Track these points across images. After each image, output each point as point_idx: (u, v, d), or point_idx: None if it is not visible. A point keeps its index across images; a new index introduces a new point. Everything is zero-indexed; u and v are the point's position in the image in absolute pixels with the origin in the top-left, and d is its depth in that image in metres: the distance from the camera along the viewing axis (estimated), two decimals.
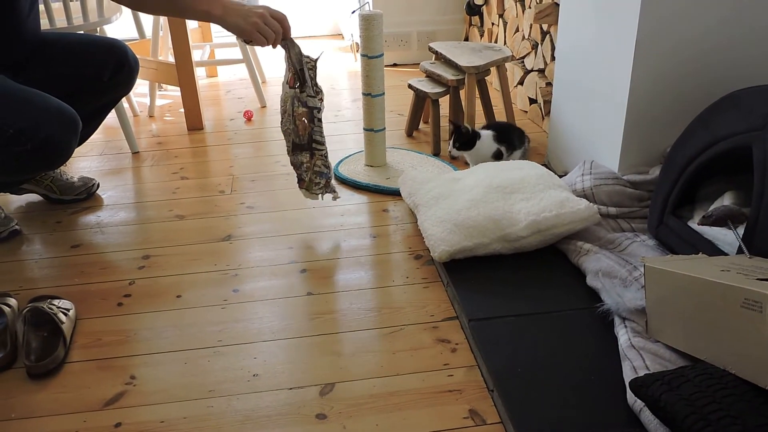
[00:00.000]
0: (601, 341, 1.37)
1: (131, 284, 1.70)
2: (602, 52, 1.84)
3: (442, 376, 1.35)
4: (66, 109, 1.71)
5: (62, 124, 1.69)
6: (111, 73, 2.00)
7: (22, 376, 1.39)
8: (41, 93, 1.70)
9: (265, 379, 1.36)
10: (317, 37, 4.36)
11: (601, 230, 1.70)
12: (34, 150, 1.66)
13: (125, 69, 2.03)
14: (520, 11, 2.77)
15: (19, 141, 1.63)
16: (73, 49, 1.98)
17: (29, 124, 1.63)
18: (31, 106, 1.66)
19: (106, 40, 2.06)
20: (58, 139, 1.69)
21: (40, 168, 1.86)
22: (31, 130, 1.64)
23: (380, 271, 1.73)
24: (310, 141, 1.81)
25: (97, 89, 2.00)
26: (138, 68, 2.10)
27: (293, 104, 1.78)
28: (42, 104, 1.68)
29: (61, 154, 1.72)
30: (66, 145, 1.72)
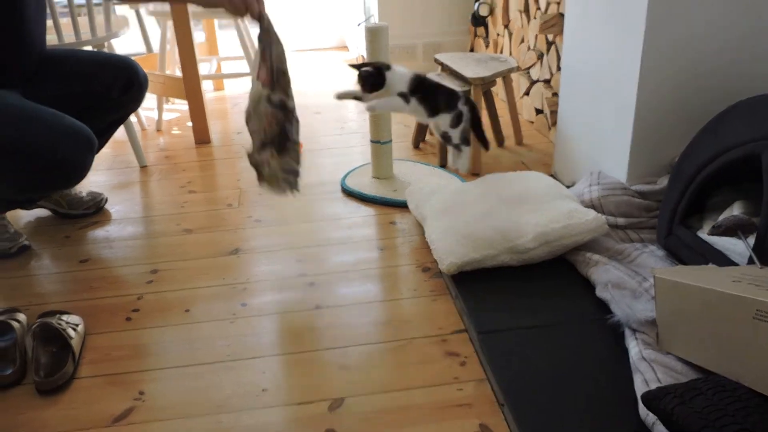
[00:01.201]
0: (611, 353, 1.36)
1: (139, 299, 1.70)
2: (608, 62, 1.84)
3: (452, 390, 1.34)
4: (82, 128, 1.72)
5: (78, 143, 1.71)
6: (121, 91, 2.01)
7: (31, 392, 1.39)
8: (56, 112, 1.71)
9: (273, 394, 1.36)
10: (323, 49, 4.37)
11: (609, 241, 1.69)
12: (51, 169, 1.67)
13: (135, 86, 2.04)
14: (525, 22, 2.78)
15: (36, 160, 1.65)
16: (84, 67, 1.99)
17: (46, 145, 1.65)
18: (47, 126, 1.67)
19: (115, 57, 2.08)
20: (74, 158, 1.70)
21: (57, 187, 1.87)
22: (48, 150, 1.65)
23: (388, 283, 1.73)
24: (283, 139, 1.75)
25: (107, 106, 2.01)
26: (147, 85, 2.11)
27: (263, 104, 1.71)
28: (58, 124, 1.69)
29: (77, 173, 1.74)
30: (82, 164, 1.73)
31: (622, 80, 1.77)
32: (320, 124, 2.94)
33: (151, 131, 2.96)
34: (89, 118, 1.82)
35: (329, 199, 2.20)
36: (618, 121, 1.82)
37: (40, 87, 1.88)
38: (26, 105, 1.71)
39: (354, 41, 3.92)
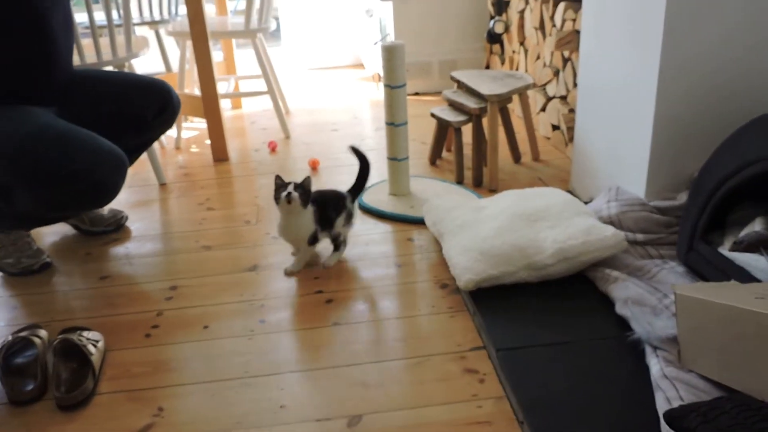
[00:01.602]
0: (632, 371, 1.35)
1: (159, 315, 1.71)
2: (625, 78, 1.84)
3: (471, 407, 1.34)
4: (116, 151, 1.75)
5: (113, 166, 1.73)
6: (155, 114, 2.04)
7: (52, 408, 1.40)
8: (92, 134, 1.74)
9: (292, 410, 1.36)
10: (339, 67, 4.41)
11: (628, 257, 1.68)
12: (85, 191, 1.69)
13: (169, 110, 2.07)
14: (541, 39, 2.78)
15: (71, 181, 1.67)
16: (119, 89, 2.01)
17: (83, 166, 1.67)
18: (84, 147, 1.70)
19: (150, 80, 2.09)
20: (109, 180, 1.72)
21: (88, 207, 1.89)
22: (85, 171, 1.67)
23: (406, 300, 1.73)
24: None
25: (140, 128, 2.03)
26: (180, 108, 2.14)
27: None
28: (95, 146, 1.71)
29: (109, 194, 1.76)
30: (115, 186, 1.76)
31: (639, 95, 1.77)
32: (337, 140, 2.95)
33: (170, 149, 2.99)
34: (120, 138, 1.85)
35: None
36: (636, 136, 1.81)
37: (73, 107, 1.91)
38: (63, 125, 1.74)
39: (370, 59, 3.95)
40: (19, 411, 1.40)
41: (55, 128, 1.73)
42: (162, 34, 3.30)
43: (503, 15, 3.24)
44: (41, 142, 1.68)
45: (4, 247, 1.93)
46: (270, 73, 3.09)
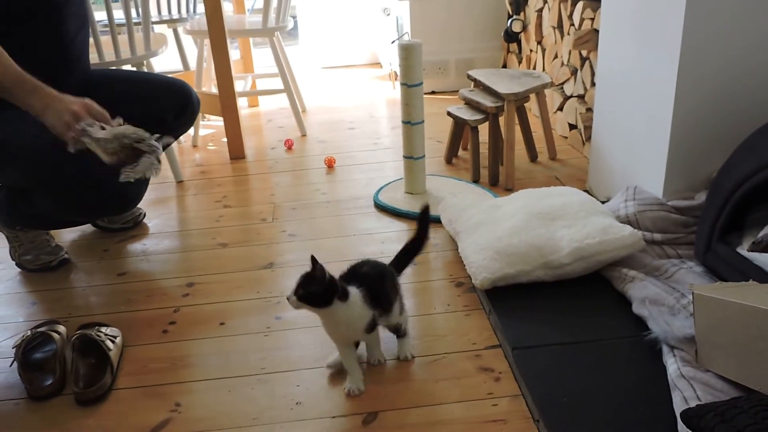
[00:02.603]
0: (648, 370, 1.34)
1: (176, 311, 1.72)
2: (644, 77, 1.83)
3: (487, 406, 1.33)
4: None
5: None
6: (175, 115, 2.03)
7: (71, 403, 1.42)
8: None
9: (308, 407, 1.36)
10: (356, 66, 4.41)
11: (646, 257, 1.67)
12: (112, 197, 1.70)
13: (188, 111, 2.07)
14: (558, 38, 2.77)
15: (97, 189, 1.68)
16: (139, 90, 2.01)
17: (108, 174, 1.67)
18: None
19: (170, 80, 2.09)
20: (134, 187, 1.72)
21: (112, 213, 1.91)
22: (110, 179, 1.67)
23: (421, 298, 1.73)
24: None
25: (160, 129, 2.03)
26: (199, 108, 2.14)
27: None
28: None
29: (133, 201, 1.79)
30: (138, 192, 1.78)
31: (658, 94, 1.76)
32: (353, 139, 2.96)
33: (187, 147, 3.01)
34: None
35: (362, 214, 2.21)
36: (654, 135, 1.80)
37: None
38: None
39: (386, 58, 3.95)
40: (38, 406, 1.42)
41: None
42: (180, 32, 3.32)
43: (521, 14, 3.23)
44: (61, 148, 1.68)
45: (23, 244, 1.95)
46: (287, 72, 3.10)
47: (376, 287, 1.40)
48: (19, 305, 1.80)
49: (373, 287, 1.39)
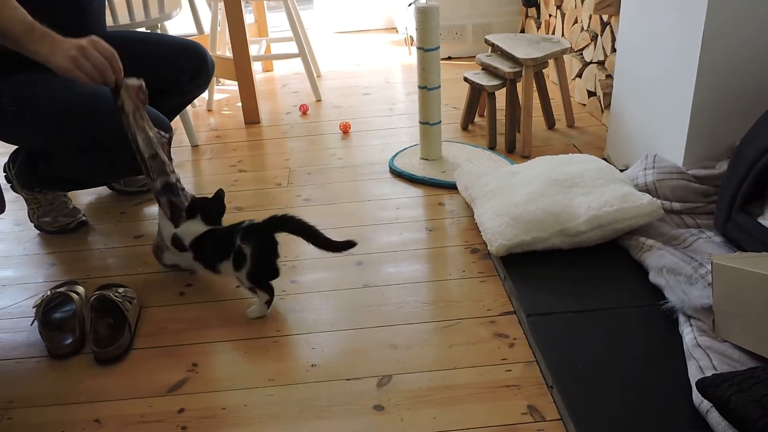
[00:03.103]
0: (664, 339, 1.34)
1: (192, 274, 1.73)
2: (667, 42, 1.79)
3: (500, 371, 1.34)
4: (161, 117, 1.75)
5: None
6: (190, 77, 2.03)
7: (90, 362, 1.44)
8: None
9: (323, 369, 1.37)
10: (371, 31, 4.36)
11: (664, 226, 1.65)
12: (133, 158, 1.70)
13: (203, 73, 2.06)
14: (578, 2, 2.72)
15: (119, 149, 1.68)
16: (156, 52, 2.00)
17: (125, 136, 1.67)
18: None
19: (186, 43, 2.07)
20: None
21: (135, 174, 1.92)
22: (127, 141, 1.68)
23: (436, 264, 1.73)
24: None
25: (175, 91, 2.03)
26: (214, 71, 2.13)
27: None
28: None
29: None
30: None
31: (681, 61, 1.73)
32: (369, 105, 2.94)
33: (202, 111, 3.00)
34: (156, 101, 1.85)
35: (378, 180, 2.21)
36: (676, 103, 1.77)
37: None
38: (106, 92, 1.74)
39: (402, 22, 3.90)
40: (58, 364, 1.45)
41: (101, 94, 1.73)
42: None
43: None
44: (87, 109, 1.67)
45: (42, 206, 1.97)
46: (302, 36, 3.07)
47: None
48: (38, 266, 1.82)
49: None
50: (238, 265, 1.51)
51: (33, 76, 1.71)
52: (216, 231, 1.59)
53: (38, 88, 1.69)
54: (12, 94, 1.69)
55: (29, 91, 1.69)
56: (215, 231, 1.59)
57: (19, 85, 1.69)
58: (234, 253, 1.51)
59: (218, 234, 1.58)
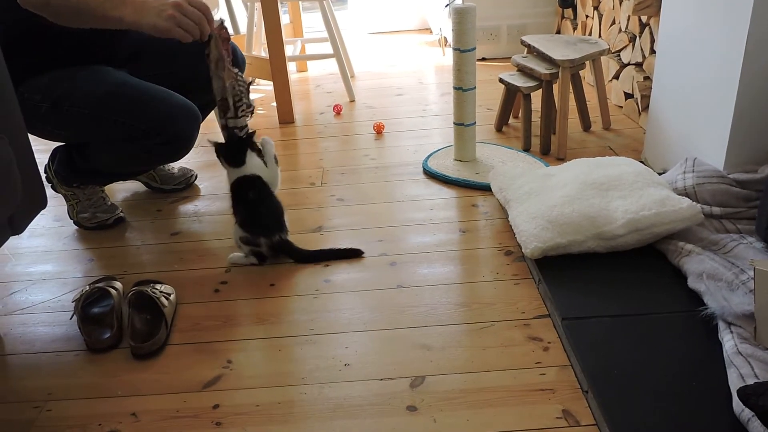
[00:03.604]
0: (703, 346, 1.32)
1: (227, 272, 1.75)
2: (709, 44, 1.76)
3: (534, 375, 1.33)
4: (190, 105, 1.79)
5: (188, 120, 1.78)
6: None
7: (127, 356, 1.46)
8: (166, 90, 1.79)
9: (356, 368, 1.38)
10: (405, 31, 4.36)
11: (703, 231, 1.62)
12: (163, 144, 1.75)
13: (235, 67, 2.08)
14: (617, 3, 2.68)
15: (149, 136, 1.73)
16: (189, 48, 2.03)
17: (159, 121, 1.73)
18: (160, 103, 1.75)
19: None
20: (184, 134, 1.78)
21: (165, 160, 1.97)
22: (161, 126, 1.73)
23: (470, 266, 1.72)
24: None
25: (208, 86, 2.05)
26: (245, 66, 2.15)
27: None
28: (170, 101, 1.77)
29: (185, 147, 1.82)
30: (190, 138, 1.81)
31: (724, 62, 1.69)
32: (402, 105, 2.94)
33: None
34: (191, 96, 1.88)
35: (411, 180, 2.20)
36: (717, 106, 1.74)
37: (145, 65, 1.95)
38: (138, 83, 1.79)
39: (436, 23, 3.90)
40: (96, 358, 1.47)
41: (132, 86, 1.77)
42: None
43: None
44: (120, 99, 1.73)
45: (80, 202, 2.00)
46: (336, 37, 3.08)
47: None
48: (77, 261, 1.86)
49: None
50: None
51: (63, 72, 1.77)
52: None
53: (70, 83, 1.75)
54: (44, 91, 1.74)
55: (61, 86, 1.75)
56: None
57: (51, 82, 1.75)
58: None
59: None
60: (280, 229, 1.74)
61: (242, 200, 1.72)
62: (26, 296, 1.71)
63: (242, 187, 1.71)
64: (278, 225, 1.74)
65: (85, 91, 1.75)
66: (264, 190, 1.73)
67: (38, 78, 1.76)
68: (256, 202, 1.72)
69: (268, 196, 1.74)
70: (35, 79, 1.76)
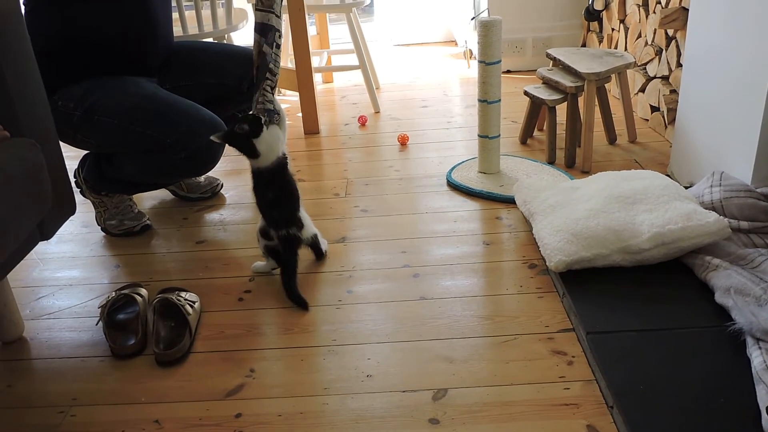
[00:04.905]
0: (730, 362, 1.30)
1: (251, 281, 1.76)
2: (736, 57, 1.74)
3: (558, 389, 1.32)
4: (217, 120, 1.81)
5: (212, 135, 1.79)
6: (249, 84, 2.08)
7: (151, 363, 1.47)
8: (193, 104, 1.81)
9: (378, 380, 1.38)
10: (430, 44, 4.37)
11: (731, 245, 1.60)
12: (188, 158, 1.77)
13: None
14: (643, 16, 2.67)
15: (175, 150, 1.75)
16: (216, 60, 2.07)
17: (186, 135, 1.75)
18: (187, 117, 1.77)
19: (246, 51, 2.13)
20: (207, 149, 1.80)
21: (190, 174, 1.99)
22: (187, 140, 1.75)
23: (493, 278, 1.71)
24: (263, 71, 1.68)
25: (235, 98, 2.08)
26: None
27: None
28: (196, 115, 1.79)
29: (211, 161, 1.84)
30: (216, 153, 1.84)
31: (751, 75, 1.68)
32: (426, 117, 2.94)
33: None
34: (218, 108, 1.90)
35: (435, 192, 2.20)
36: (745, 119, 1.72)
37: (174, 77, 1.98)
38: (166, 95, 1.81)
39: (461, 35, 3.90)
40: (121, 364, 1.49)
41: (160, 98, 1.80)
42: None
43: None
44: (147, 112, 1.76)
45: (108, 210, 2.03)
46: (362, 48, 3.10)
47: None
48: (103, 268, 1.88)
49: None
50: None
51: (96, 82, 1.80)
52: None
53: (102, 93, 1.78)
54: (78, 100, 1.77)
55: (94, 96, 1.78)
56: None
57: (84, 91, 1.79)
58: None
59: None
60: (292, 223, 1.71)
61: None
62: (53, 301, 1.73)
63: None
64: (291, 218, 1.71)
65: (115, 102, 1.78)
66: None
67: (72, 87, 1.80)
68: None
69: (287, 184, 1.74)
70: (69, 88, 1.79)
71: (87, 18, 1.80)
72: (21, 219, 1.33)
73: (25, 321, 1.63)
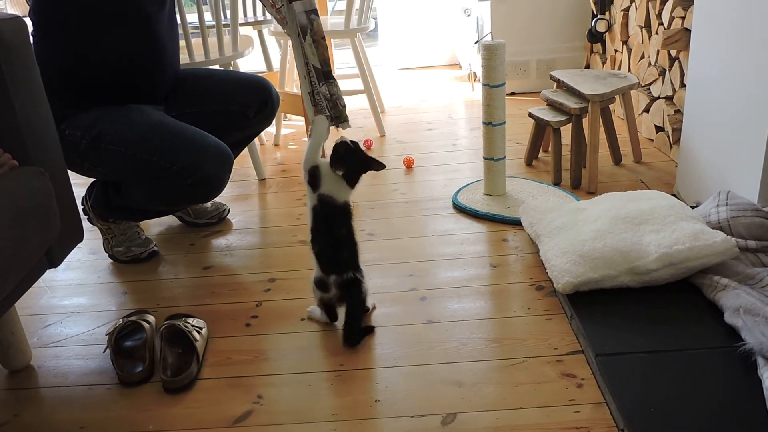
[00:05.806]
0: (741, 383, 1.28)
1: (258, 306, 1.76)
2: (740, 77, 1.75)
3: (568, 412, 1.31)
4: (223, 147, 1.82)
5: (220, 162, 1.81)
6: (255, 111, 2.10)
7: (159, 390, 1.47)
8: (200, 131, 1.83)
9: (387, 405, 1.37)
10: (434, 67, 4.41)
11: (739, 265, 1.59)
12: (194, 185, 1.78)
13: (268, 106, 2.13)
14: (645, 37, 2.69)
15: (181, 177, 1.76)
16: (222, 87, 2.09)
17: (192, 162, 1.76)
18: (193, 144, 1.78)
19: (251, 77, 2.16)
20: (215, 175, 1.81)
21: (197, 201, 2.00)
22: (193, 167, 1.76)
23: (500, 301, 1.71)
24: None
25: (241, 125, 2.10)
26: (279, 104, 2.19)
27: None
28: (202, 143, 1.80)
29: (216, 188, 1.85)
30: (222, 181, 1.85)
31: (756, 95, 1.68)
32: (432, 140, 2.96)
33: (269, 146, 3.08)
34: (224, 134, 1.92)
35: (441, 215, 2.21)
36: (750, 137, 1.72)
37: (180, 105, 2.00)
38: (173, 123, 1.83)
39: (466, 58, 3.93)
40: (128, 391, 1.48)
41: (166, 126, 1.82)
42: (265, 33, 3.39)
43: (606, 13, 3.15)
44: (154, 140, 1.77)
45: (116, 236, 2.04)
46: (367, 72, 3.13)
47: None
48: (111, 295, 1.89)
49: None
50: None
51: (103, 111, 1.82)
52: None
53: (108, 121, 1.80)
54: (85, 129, 1.79)
55: (101, 125, 1.80)
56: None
57: (93, 120, 1.80)
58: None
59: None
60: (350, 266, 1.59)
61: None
62: (60, 329, 1.73)
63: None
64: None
65: (122, 130, 1.79)
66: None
67: (80, 116, 1.82)
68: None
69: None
70: (77, 117, 1.81)
71: (95, 48, 1.82)
72: (29, 247, 1.33)
73: (33, 349, 1.63)
